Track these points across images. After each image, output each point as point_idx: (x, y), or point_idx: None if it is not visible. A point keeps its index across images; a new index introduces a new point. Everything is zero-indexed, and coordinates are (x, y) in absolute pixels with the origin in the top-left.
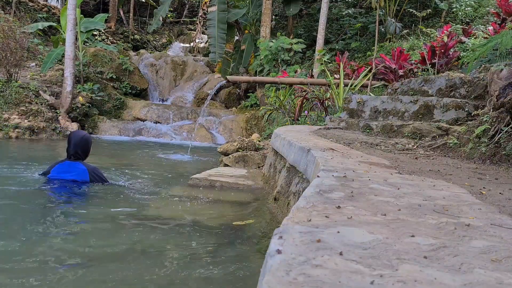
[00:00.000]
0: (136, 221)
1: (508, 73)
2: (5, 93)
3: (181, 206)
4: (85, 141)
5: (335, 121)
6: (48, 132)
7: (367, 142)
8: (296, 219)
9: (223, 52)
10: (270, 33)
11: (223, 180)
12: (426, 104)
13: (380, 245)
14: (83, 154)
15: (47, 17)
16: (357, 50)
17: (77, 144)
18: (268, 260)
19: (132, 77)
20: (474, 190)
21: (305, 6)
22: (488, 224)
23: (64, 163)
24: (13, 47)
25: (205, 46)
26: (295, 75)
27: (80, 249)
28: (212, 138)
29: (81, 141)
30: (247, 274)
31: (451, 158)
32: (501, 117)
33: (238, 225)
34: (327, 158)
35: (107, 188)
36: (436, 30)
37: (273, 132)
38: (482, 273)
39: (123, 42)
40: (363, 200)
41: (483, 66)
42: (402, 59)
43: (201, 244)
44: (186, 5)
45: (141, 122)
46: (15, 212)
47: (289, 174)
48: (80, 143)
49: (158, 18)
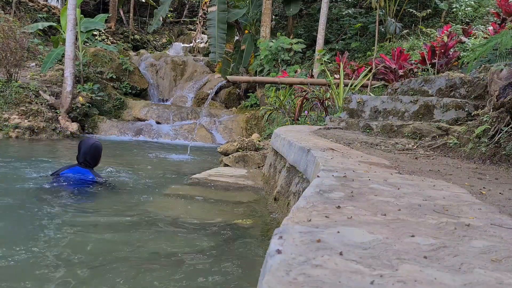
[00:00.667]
0: (135, 221)
1: (508, 73)
2: (5, 93)
3: (181, 206)
4: (94, 149)
5: (335, 121)
6: (48, 132)
7: (367, 142)
8: (296, 219)
9: (223, 52)
10: (270, 33)
11: (223, 180)
12: (426, 104)
13: (380, 245)
14: (92, 161)
15: (47, 17)
16: (357, 50)
17: (86, 152)
18: (268, 260)
19: (132, 77)
20: (474, 190)
21: (305, 6)
22: (488, 224)
23: (74, 168)
24: (13, 47)
25: (205, 46)
26: (295, 75)
27: (78, 249)
28: (212, 138)
29: (90, 149)
30: (247, 274)
31: (451, 158)
32: (501, 117)
33: (238, 223)
34: (327, 158)
35: (107, 188)
36: (436, 30)
37: (273, 132)
38: (482, 273)
39: (123, 42)
40: (363, 200)
41: (483, 66)
42: (402, 59)
43: (201, 244)
44: (186, 5)
45: (141, 122)
46: (15, 215)
47: (289, 174)
48: (89, 151)
49: (158, 18)
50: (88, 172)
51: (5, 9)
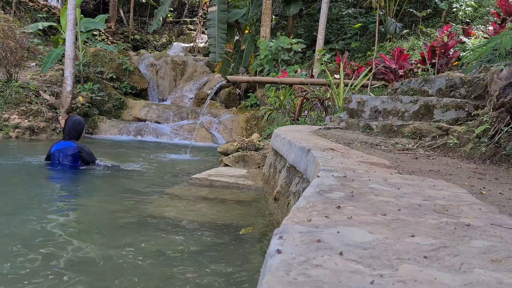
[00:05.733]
0: (135, 220)
1: (508, 73)
2: (5, 93)
3: (181, 205)
4: (76, 124)
5: (335, 121)
6: (48, 132)
7: (367, 142)
8: (296, 219)
9: (223, 52)
10: (270, 33)
11: (223, 180)
12: (426, 104)
13: (380, 245)
14: (75, 134)
15: (47, 17)
16: (357, 50)
17: (70, 127)
18: (268, 260)
19: (132, 77)
20: (474, 190)
21: (305, 6)
22: (488, 224)
23: (60, 142)
24: (13, 47)
25: (205, 46)
26: (295, 75)
27: (77, 249)
28: (212, 138)
29: (74, 124)
30: (247, 274)
31: (451, 158)
32: (501, 117)
33: (238, 223)
34: (327, 158)
35: (107, 187)
36: (436, 30)
37: (273, 132)
38: (482, 273)
39: (123, 42)
40: (363, 200)
41: (483, 66)
42: (402, 59)
43: (201, 243)
44: (186, 5)
45: (141, 122)
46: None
47: (289, 174)
48: (72, 125)
49: (158, 19)
50: (71, 143)
51: (5, 9)
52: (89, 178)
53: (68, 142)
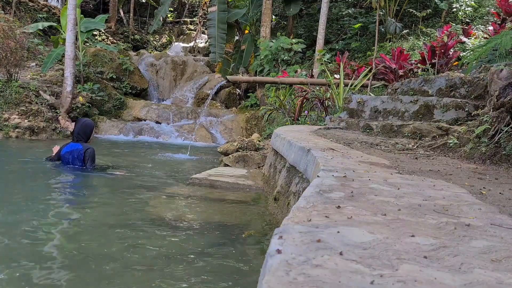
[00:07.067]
0: (135, 220)
1: (508, 73)
2: (5, 93)
3: (181, 205)
4: (85, 126)
5: (335, 121)
6: (48, 132)
7: (367, 142)
8: (296, 219)
9: (223, 52)
10: (270, 33)
11: (223, 180)
12: (426, 104)
13: (380, 245)
14: (84, 136)
15: (47, 17)
16: (357, 50)
17: (79, 129)
18: (268, 260)
19: (132, 77)
20: (474, 190)
21: (305, 6)
22: (488, 224)
23: (69, 144)
24: (13, 47)
25: (205, 46)
26: (295, 75)
27: (78, 248)
28: (212, 138)
29: (82, 126)
30: (247, 274)
31: (451, 158)
32: (501, 117)
33: (238, 223)
34: (327, 158)
35: (107, 187)
36: (436, 30)
37: (273, 132)
38: (482, 273)
39: (123, 42)
40: (363, 200)
41: (483, 66)
42: (402, 59)
43: (201, 243)
44: (186, 5)
45: (141, 122)
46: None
47: (289, 174)
48: (81, 127)
49: (159, 19)
50: (79, 145)
51: (5, 9)
52: (89, 178)
53: (76, 144)
